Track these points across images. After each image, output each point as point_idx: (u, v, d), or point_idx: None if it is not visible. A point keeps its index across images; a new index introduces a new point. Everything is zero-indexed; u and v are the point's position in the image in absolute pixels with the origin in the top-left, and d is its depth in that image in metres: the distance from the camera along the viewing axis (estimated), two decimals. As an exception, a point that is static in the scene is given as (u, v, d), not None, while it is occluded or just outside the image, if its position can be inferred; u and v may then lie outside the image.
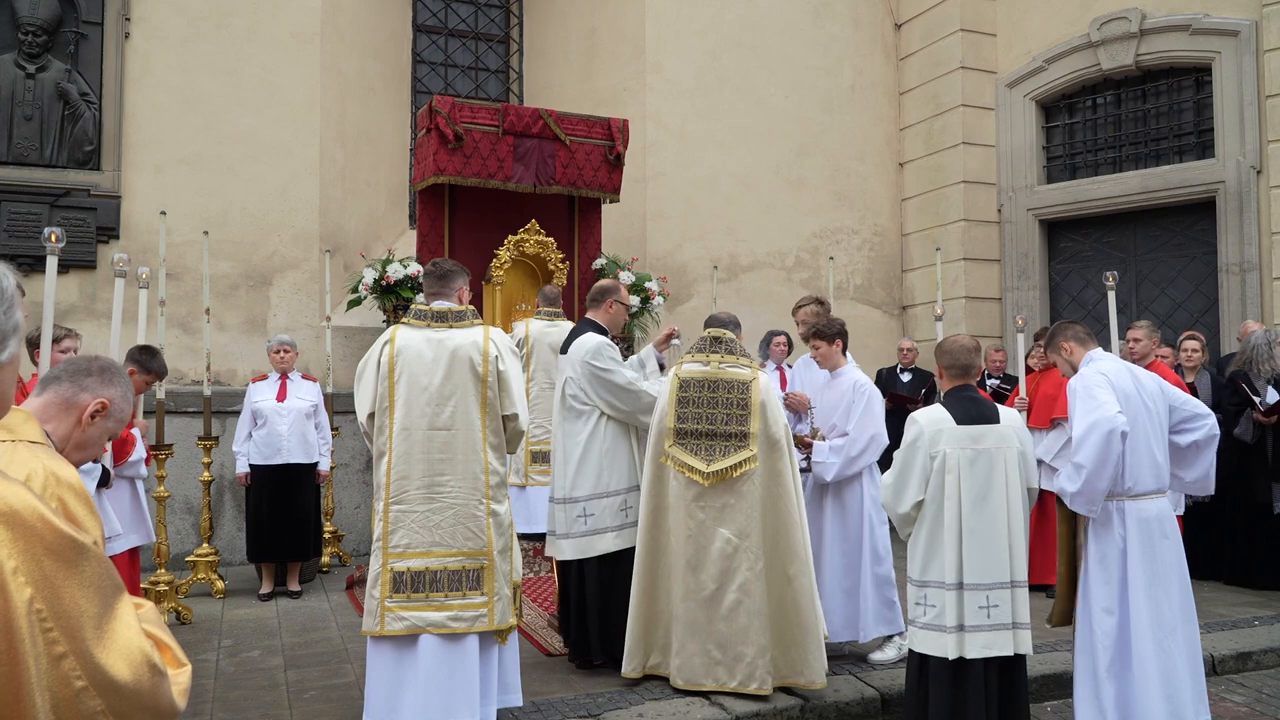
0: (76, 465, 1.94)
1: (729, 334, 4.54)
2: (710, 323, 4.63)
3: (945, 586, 3.57)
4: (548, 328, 6.60)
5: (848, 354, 5.10)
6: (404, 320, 3.92)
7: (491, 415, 3.81)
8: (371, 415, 3.82)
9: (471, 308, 3.99)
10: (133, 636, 1.31)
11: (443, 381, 3.76)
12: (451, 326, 3.85)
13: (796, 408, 5.12)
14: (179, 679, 1.42)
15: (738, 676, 4.22)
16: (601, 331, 4.78)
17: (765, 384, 4.41)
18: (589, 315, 4.93)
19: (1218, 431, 3.91)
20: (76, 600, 1.25)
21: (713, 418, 4.36)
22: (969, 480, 3.60)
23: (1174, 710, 3.58)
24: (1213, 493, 4.13)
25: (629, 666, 4.36)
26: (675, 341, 5.03)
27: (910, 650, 3.72)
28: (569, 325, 5.95)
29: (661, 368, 4.97)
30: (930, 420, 3.69)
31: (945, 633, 3.55)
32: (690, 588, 4.27)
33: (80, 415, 1.79)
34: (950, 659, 3.54)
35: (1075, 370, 3.91)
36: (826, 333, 4.98)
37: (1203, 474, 3.92)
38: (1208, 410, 3.92)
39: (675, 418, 4.37)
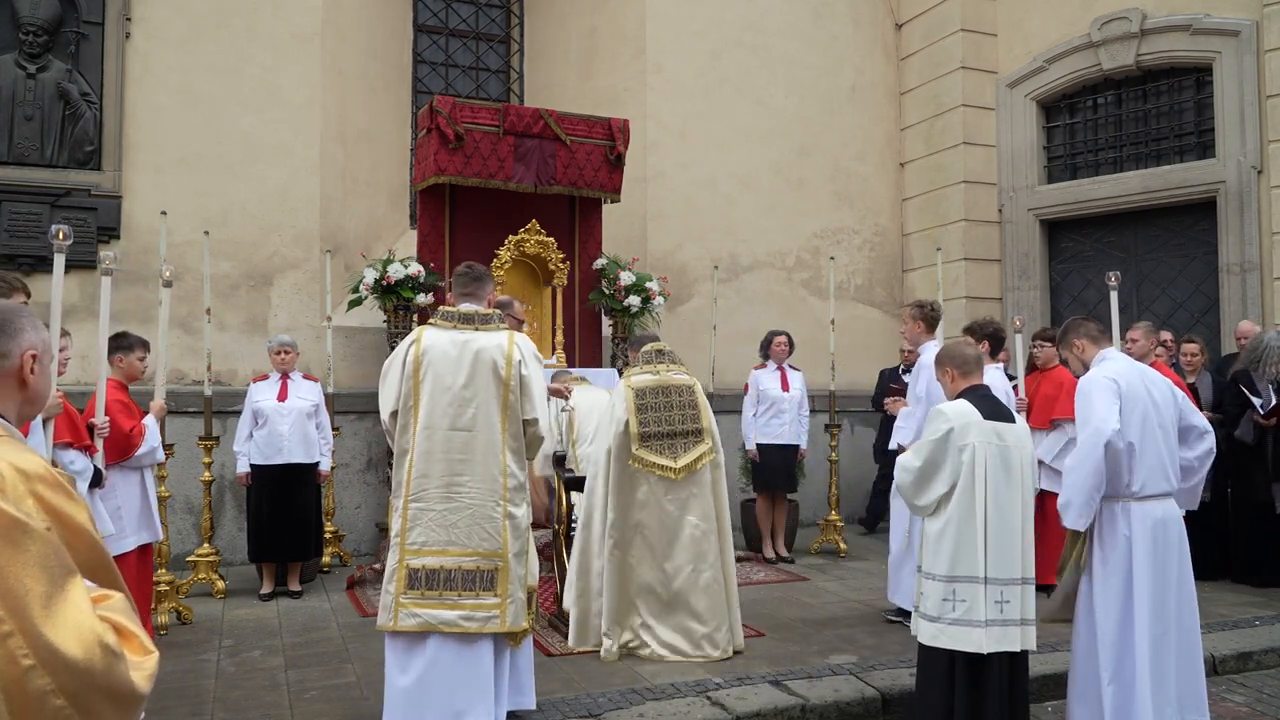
0: (33, 418, 1.83)
1: (668, 346, 5.33)
2: (643, 340, 5.42)
3: (976, 581, 3.54)
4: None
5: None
6: (430, 321, 3.96)
7: (512, 419, 3.83)
8: (394, 414, 3.85)
9: (497, 311, 4.03)
10: (84, 618, 1.30)
11: (466, 383, 3.79)
12: (477, 329, 3.88)
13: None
14: (144, 665, 1.40)
15: (719, 646, 4.83)
16: None
17: (700, 386, 5.19)
18: None
19: (1214, 449, 3.92)
20: (21, 579, 1.25)
21: (670, 419, 4.99)
22: (995, 475, 3.60)
23: (1171, 713, 3.58)
24: (1195, 508, 4.10)
25: (611, 651, 4.82)
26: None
27: (929, 648, 3.65)
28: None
29: None
30: (959, 413, 3.67)
31: (975, 627, 3.52)
32: (668, 572, 4.89)
33: (19, 377, 1.67)
34: (970, 655, 3.52)
35: (1086, 368, 3.90)
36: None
37: (1191, 488, 3.92)
38: (1209, 427, 3.92)
39: (639, 424, 4.94)
